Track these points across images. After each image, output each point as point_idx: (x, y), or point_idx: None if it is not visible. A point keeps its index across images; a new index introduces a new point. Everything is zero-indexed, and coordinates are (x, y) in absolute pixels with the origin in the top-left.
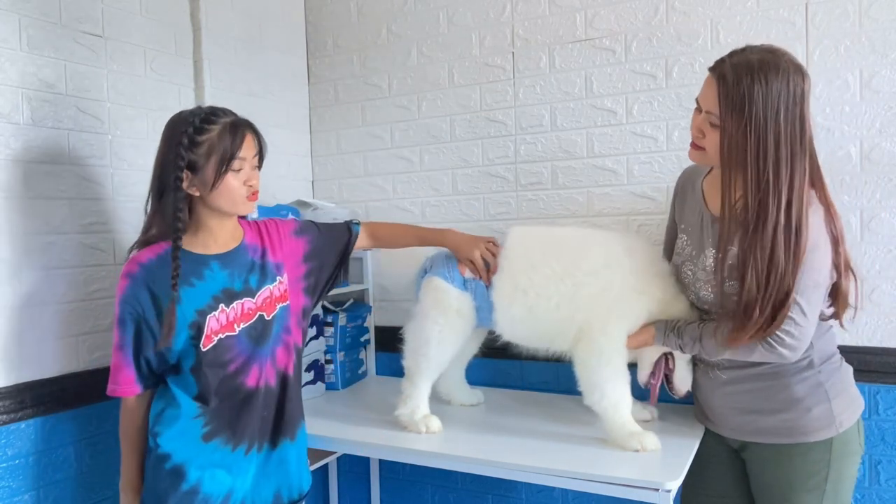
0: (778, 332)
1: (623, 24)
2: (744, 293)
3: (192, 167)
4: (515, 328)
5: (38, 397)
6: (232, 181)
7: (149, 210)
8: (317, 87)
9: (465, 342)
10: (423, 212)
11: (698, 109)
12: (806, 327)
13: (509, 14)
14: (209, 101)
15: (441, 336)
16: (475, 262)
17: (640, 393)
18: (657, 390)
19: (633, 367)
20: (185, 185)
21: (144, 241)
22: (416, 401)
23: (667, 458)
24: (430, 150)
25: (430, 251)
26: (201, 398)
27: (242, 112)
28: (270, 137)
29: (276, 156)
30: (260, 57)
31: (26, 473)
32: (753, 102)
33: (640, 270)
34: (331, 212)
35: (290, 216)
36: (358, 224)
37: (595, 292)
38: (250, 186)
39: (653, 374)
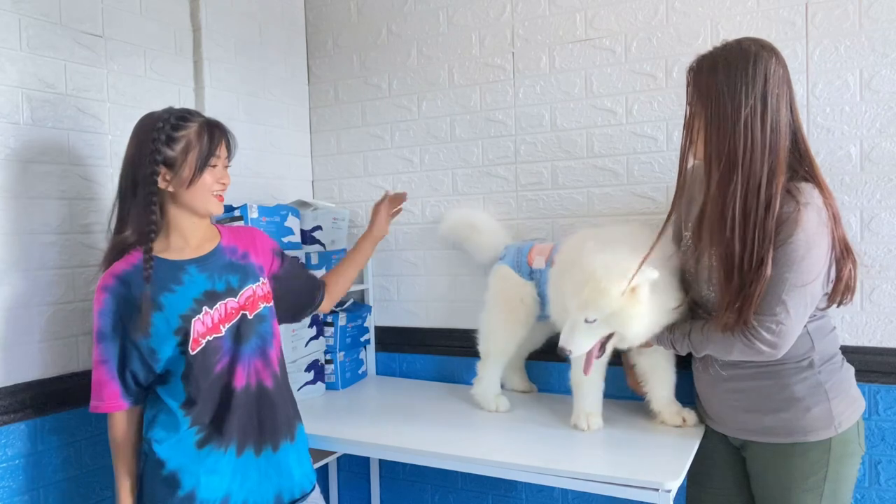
0: (758, 327)
1: (623, 24)
2: (725, 259)
3: (170, 164)
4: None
5: (38, 397)
6: (208, 178)
7: (117, 213)
8: (317, 87)
9: (530, 330)
10: (423, 212)
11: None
12: (789, 326)
13: (509, 14)
14: (209, 100)
15: (506, 324)
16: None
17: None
18: (592, 360)
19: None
20: (160, 181)
21: (120, 249)
22: (488, 382)
23: (667, 458)
24: (430, 150)
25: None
26: (190, 403)
27: (242, 112)
28: (270, 137)
29: (276, 156)
30: (260, 57)
31: (26, 473)
32: (717, 84)
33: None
34: (331, 212)
35: (290, 216)
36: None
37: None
38: (223, 184)
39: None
